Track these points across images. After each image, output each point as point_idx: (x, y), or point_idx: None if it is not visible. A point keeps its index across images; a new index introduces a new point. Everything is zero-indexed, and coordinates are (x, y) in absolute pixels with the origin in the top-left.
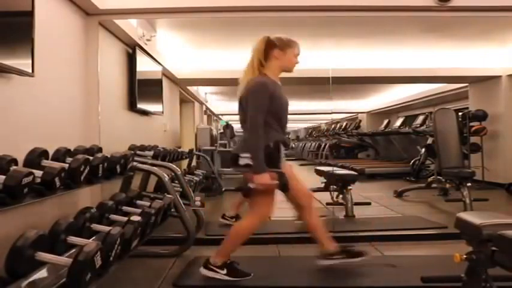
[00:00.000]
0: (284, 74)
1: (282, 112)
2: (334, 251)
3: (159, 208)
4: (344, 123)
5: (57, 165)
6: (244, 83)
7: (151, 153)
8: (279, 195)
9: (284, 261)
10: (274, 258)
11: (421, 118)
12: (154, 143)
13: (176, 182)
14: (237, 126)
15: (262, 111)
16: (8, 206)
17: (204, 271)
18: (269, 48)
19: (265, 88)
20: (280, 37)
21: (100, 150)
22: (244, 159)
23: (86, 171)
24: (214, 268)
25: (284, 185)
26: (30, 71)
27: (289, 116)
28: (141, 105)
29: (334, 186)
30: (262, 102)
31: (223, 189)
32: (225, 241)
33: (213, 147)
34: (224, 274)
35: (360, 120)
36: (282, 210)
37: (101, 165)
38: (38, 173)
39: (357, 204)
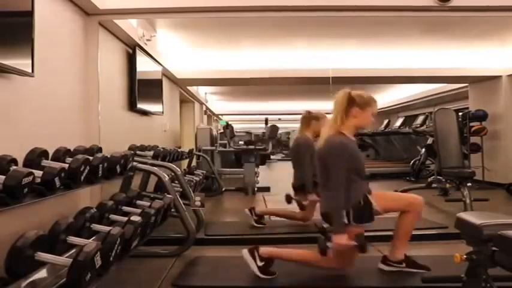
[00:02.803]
0: (285, 74)
1: (361, 168)
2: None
3: (159, 208)
4: None
5: (57, 165)
6: (325, 137)
7: (151, 153)
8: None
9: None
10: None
11: (421, 118)
12: (154, 143)
13: (176, 182)
14: (237, 126)
15: (344, 171)
16: (8, 206)
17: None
18: (349, 106)
19: (346, 150)
20: (362, 95)
21: (100, 150)
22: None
23: (86, 171)
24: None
25: (361, 246)
26: (30, 71)
27: (289, 116)
28: (141, 105)
29: None
30: (344, 163)
31: (223, 189)
32: (291, 254)
33: (213, 147)
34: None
35: None
36: None
37: (101, 165)
38: (38, 173)
39: None
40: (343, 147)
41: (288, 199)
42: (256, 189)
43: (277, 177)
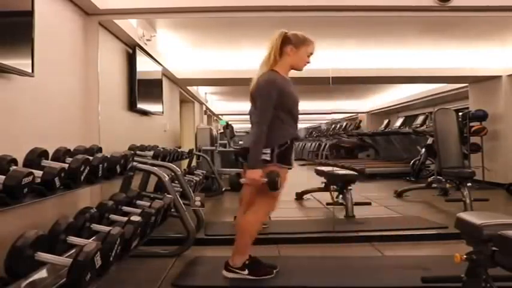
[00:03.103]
0: None
1: (294, 108)
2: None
3: (159, 208)
4: (344, 123)
5: (57, 165)
6: (256, 77)
7: (151, 153)
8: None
9: (284, 261)
10: (274, 258)
11: (421, 118)
12: (154, 143)
13: (176, 182)
14: (237, 126)
15: (271, 107)
16: (8, 206)
17: (225, 273)
18: (283, 44)
19: (274, 85)
20: (297, 34)
21: (100, 150)
22: (264, 155)
23: (86, 171)
24: (235, 270)
25: (273, 183)
26: (30, 71)
27: None
28: (141, 105)
29: (334, 186)
30: (271, 98)
31: (223, 189)
32: (236, 240)
33: (213, 147)
34: (246, 274)
35: (360, 120)
36: (282, 210)
37: (100, 165)
38: (38, 173)
39: (357, 204)
40: (271, 83)
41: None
42: None
43: None
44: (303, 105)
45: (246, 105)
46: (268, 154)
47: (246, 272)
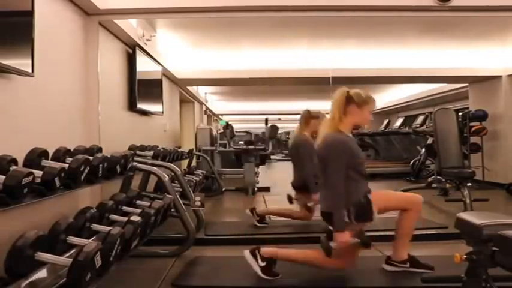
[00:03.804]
0: (285, 74)
1: (361, 166)
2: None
3: (159, 208)
4: None
5: (57, 165)
6: (323, 135)
7: (151, 153)
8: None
9: (284, 261)
10: None
11: (421, 118)
12: (154, 143)
13: (176, 182)
14: (237, 126)
15: (342, 169)
16: (8, 206)
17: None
18: (347, 104)
19: (344, 147)
20: (360, 93)
21: (100, 150)
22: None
23: (86, 171)
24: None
25: (364, 243)
26: (30, 71)
27: (289, 116)
28: (141, 105)
29: None
30: (342, 161)
31: (223, 189)
32: (292, 254)
33: (213, 147)
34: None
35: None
36: None
37: (101, 165)
38: (38, 173)
39: None
40: (341, 145)
41: (290, 199)
42: (256, 189)
43: (277, 177)
44: (303, 105)
45: (246, 105)
46: (345, 216)
47: (264, 264)
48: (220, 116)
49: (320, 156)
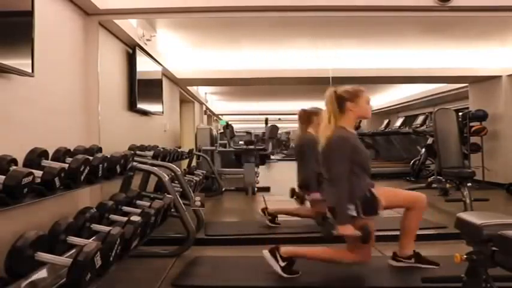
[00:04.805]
0: (285, 74)
1: (366, 161)
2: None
3: (159, 208)
4: None
5: (57, 165)
6: (324, 137)
7: (151, 153)
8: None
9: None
10: None
11: (421, 118)
12: (154, 143)
13: (176, 182)
14: (237, 126)
15: (346, 164)
16: (8, 206)
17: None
18: (341, 102)
19: (347, 142)
20: (347, 89)
21: (100, 150)
22: (350, 210)
23: (86, 171)
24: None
25: (364, 237)
26: (30, 71)
27: (289, 116)
28: (141, 105)
29: None
30: (345, 155)
31: (223, 189)
32: (309, 252)
33: (213, 147)
34: (280, 267)
35: (360, 120)
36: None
37: (101, 165)
38: (38, 173)
39: None
40: (344, 140)
41: (293, 192)
42: (256, 189)
43: (277, 177)
44: (303, 105)
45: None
46: (353, 210)
47: (283, 264)
48: (220, 116)
49: (324, 154)
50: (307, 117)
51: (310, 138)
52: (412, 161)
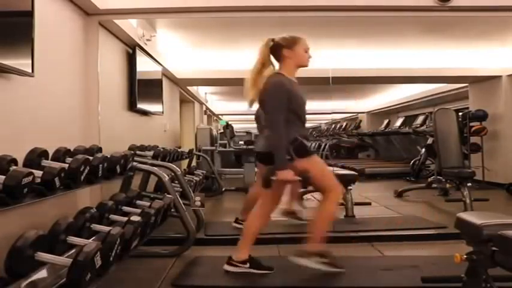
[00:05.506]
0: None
1: (301, 109)
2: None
3: (159, 208)
4: (344, 123)
5: (57, 165)
6: (253, 86)
7: (151, 153)
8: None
9: (284, 261)
10: (274, 258)
11: (421, 118)
12: (154, 143)
13: (176, 182)
14: (237, 126)
15: (282, 109)
16: (8, 206)
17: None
18: (278, 50)
19: (283, 86)
20: (284, 36)
21: (100, 150)
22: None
23: (86, 171)
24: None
25: (306, 179)
26: (30, 71)
27: None
28: (141, 105)
29: None
30: (281, 100)
31: (223, 189)
32: (313, 231)
33: (213, 147)
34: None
35: (360, 120)
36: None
37: (100, 165)
38: (38, 173)
39: (357, 204)
40: (280, 85)
41: None
42: None
43: None
44: None
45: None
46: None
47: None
48: (220, 116)
49: (260, 101)
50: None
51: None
52: (412, 161)
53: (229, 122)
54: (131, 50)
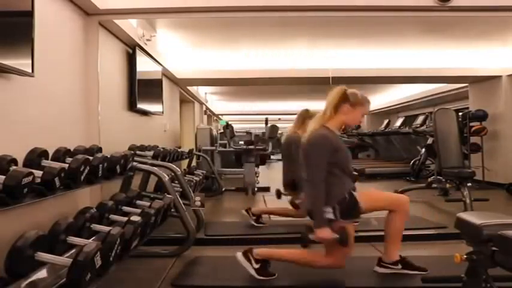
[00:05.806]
0: (285, 74)
1: (347, 163)
2: (396, 260)
3: (159, 208)
4: None
5: (57, 165)
6: (309, 131)
7: (151, 153)
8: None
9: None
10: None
11: (421, 118)
12: (154, 143)
13: (176, 182)
14: (237, 126)
15: (323, 166)
16: (8, 206)
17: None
18: (341, 101)
19: (327, 142)
20: (356, 94)
21: (100, 150)
22: (327, 213)
23: (86, 171)
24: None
25: (343, 241)
26: (30, 71)
27: (289, 116)
28: (141, 105)
29: None
30: (324, 158)
31: (223, 189)
32: (284, 254)
33: (213, 147)
34: (254, 269)
35: (361, 121)
36: None
37: (100, 165)
38: (38, 173)
39: None
40: (324, 140)
41: (278, 194)
42: (256, 189)
43: (277, 177)
44: (303, 105)
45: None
46: (331, 213)
47: (257, 265)
48: (220, 116)
49: (303, 151)
50: (302, 118)
51: (297, 138)
52: (412, 161)
53: (229, 122)
54: (131, 50)
